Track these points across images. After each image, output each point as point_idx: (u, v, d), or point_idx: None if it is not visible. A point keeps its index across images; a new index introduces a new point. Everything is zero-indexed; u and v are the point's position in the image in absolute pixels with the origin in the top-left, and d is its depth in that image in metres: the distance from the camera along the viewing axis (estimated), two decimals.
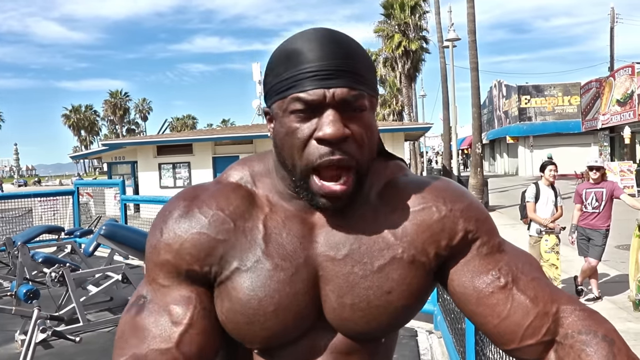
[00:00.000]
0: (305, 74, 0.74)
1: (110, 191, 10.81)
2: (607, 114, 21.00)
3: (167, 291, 0.81)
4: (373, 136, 0.80)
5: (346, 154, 0.75)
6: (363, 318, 0.81)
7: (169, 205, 0.85)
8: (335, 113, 0.74)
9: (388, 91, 45.66)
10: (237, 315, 0.80)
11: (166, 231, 0.82)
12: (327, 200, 0.77)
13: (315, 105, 0.75)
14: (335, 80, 0.74)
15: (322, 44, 0.75)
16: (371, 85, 0.79)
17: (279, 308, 0.79)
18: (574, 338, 0.75)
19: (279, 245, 0.81)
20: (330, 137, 0.73)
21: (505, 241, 0.88)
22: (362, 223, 0.83)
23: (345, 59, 0.76)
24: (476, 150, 16.10)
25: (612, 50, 28.27)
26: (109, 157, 19.78)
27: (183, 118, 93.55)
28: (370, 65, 0.80)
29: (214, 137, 18.34)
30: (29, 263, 4.98)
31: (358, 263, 0.81)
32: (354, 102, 0.76)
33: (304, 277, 0.81)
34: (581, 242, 5.79)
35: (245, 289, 0.79)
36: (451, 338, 3.83)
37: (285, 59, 0.77)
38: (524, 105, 29.91)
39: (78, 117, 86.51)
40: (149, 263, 0.84)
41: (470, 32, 15.84)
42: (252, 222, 0.83)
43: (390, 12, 28.53)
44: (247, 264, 0.80)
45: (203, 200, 0.83)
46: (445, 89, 23.31)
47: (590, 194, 5.73)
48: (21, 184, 53.01)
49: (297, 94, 0.75)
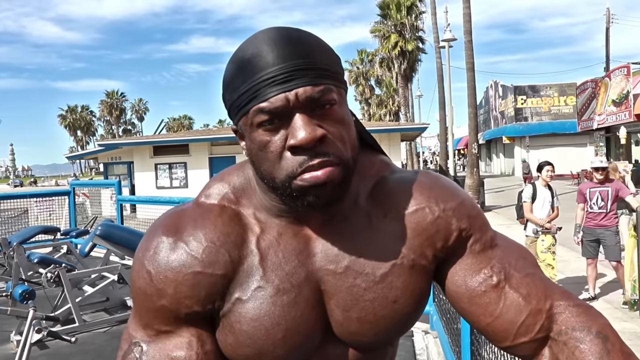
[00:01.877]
0: (263, 82, 0.69)
1: (106, 191, 10.78)
2: (603, 114, 21.08)
3: (166, 338, 0.76)
4: (350, 129, 0.75)
5: (326, 154, 0.70)
6: (371, 330, 0.80)
7: (150, 240, 0.78)
8: (303, 116, 0.69)
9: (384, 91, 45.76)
10: (245, 348, 0.76)
11: (155, 275, 0.75)
12: (314, 194, 0.71)
13: (280, 112, 0.69)
14: (295, 81, 0.69)
15: (275, 46, 0.70)
16: (337, 77, 0.74)
17: (287, 334, 0.76)
18: (567, 335, 0.75)
19: (277, 267, 0.78)
20: (303, 142, 0.68)
21: (499, 235, 0.87)
22: (357, 231, 0.81)
23: (303, 57, 0.70)
24: (472, 151, 16.13)
25: (608, 50, 28.41)
26: (105, 157, 19.73)
27: (179, 118, 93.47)
28: (332, 56, 0.75)
29: (210, 137, 18.32)
30: (25, 263, 4.96)
31: (360, 275, 0.79)
32: (321, 97, 0.70)
33: (307, 295, 0.78)
34: (588, 244, 5.67)
35: (250, 320, 0.76)
36: (447, 338, 3.84)
37: (239, 70, 0.71)
38: (520, 106, 30.00)
39: (74, 117, 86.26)
40: (139, 307, 0.77)
41: (466, 33, 15.89)
42: (246, 248, 0.78)
43: (387, 12, 28.59)
44: (248, 293, 0.76)
45: (189, 232, 0.77)
46: (441, 89, 23.36)
47: (595, 193, 5.63)
48: (17, 185, 52.84)
49: (259, 104, 0.69)
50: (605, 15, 28.74)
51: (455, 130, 28.21)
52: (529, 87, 30.30)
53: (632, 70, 19.15)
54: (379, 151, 0.92)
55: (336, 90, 0.73)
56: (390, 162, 0.90)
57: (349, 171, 0.74)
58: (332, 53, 0.76)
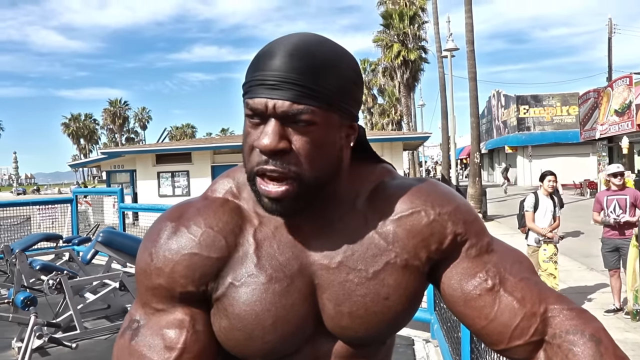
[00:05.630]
0: (256, 82, 0.75)
1: (108, 199, 10.81)
2: (605, 124, 21.07)
3: (161, 315, 0.80)
4: (325, 152, 0.77)
5: (282, 166, 0.74)
6: (362, 325, 0.81)
7: (155, 226, 0.84)
8: (275, 124, 0.74)
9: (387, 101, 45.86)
10: (236, 332, 0.79)
11: (155, 254, 0.80)
12: (270, 202, 0.77)
13: (259, 113, 0.75)
14: (280, 92, 0.73)
15: (282, 53, 0.74)
16: (330, 102, 0.76)
17: (277, 321, 0.79)
18: (561, 338, 0.76)
19: (271, 257, 0.81)
20: (263, 148, 0.73)
21: (496, 240, 0.88)
22: (353, 230, 0.83)
23: (300, 73, 0.73)
24: (474, 160, 16.13)
25: (610, 60, 28.44)
26: (108, 165, 19.78)
27: (182, 127, 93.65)
28: (340, 82, 0.77)
29: (212, 146, 18.37)
30: (27, 270, 4.97)
31: (353, 270, 0.81)
32: (297, 116, 0.73)
33: (299, 286, 0.81)
34: (608, 254, 5.56)
35: (242, 304, 0.79)
36: (447, 347, 3.82)
37: (253, 63, 0.78)
38: (522, 115, 30.03)
39: (77, 125, 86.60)
40: (140, 286, 0.83)
41: (469, 42, 15.95)
42: (242, 237, 0.82)
43: (389, 22, 28.72)
44: (241, 279, 0.80)
45: (190, 218, 0.82)
46: (443, 99, 23.42)
47: (612, 201, 5.50)
48: (20, 192, 52.94)
49: (247, 99, 0.76)
50: (608, 26, 28.81)
51: (458, 140, 28.21)
52: (532, 97, 30.34)
53: (634, 80, 19.15)
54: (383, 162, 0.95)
55: (322, 113, 0.75)
56: (393, 170, 0.93)
57: (305, 188, 0.77)
58: (343, 78, 0.77)
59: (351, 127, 0.82)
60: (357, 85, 0.80)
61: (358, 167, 0.88)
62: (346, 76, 0.78)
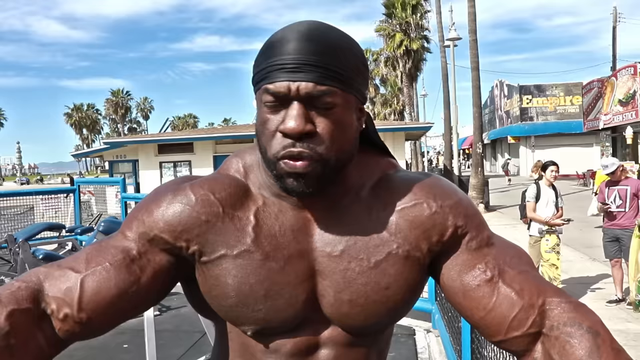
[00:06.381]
0: (275, 66, 0.75)
1: (111, 189, 10.82)
2: (609, 114, 20.98)
3: (122, 239, 0.82)
4: (345, 133, 0.79)
5: (308, 148, 0.75)
6: (361, 314, 0.83)
7: (169, 181, 0.89)
8: (300, 107, 0.75)
9: (389, 91, 45.69)
10: (229, 298, 0.81)
11: (154, 199, 0.84)
12: (294, 180, 0.77)
13: (281, 97, 0.75)
14: (302, 74, 0.74)
15: (299, 37, 0.75)
16: (349, 83, 0.78)
17: (269, 294, 0.81)
18: (559, 330, 0.76)
19: (270, 236, 0.83)
20: (290, 131, 0.74)
21: (495, 235, 0.89)
22: (357, 219, 0.85)
23: (318, 54, 0.75)
24: (477, 150, 16.10)
25: (615, 49, 28.23)
26: (111, 155, 19.82)
27: (184, 117, 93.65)
28: (354, 63, 0.79)
29: (215, 136, 18.38)
30: (30, 259, 5.00)
31: (354, 259, 0.82)
32: (321, 97, 0.75)
33: (296, 268, 0.82)
34: (608, 244, 5.59)
35: (235, 275, 0.81)
36: (449, 336, 3.84)
37: (265, 50, 0.78)
38: (525, 105, 29.90)
39: (80, 115, 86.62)
40: (129, 215, 0.86)
41: (471, 32, 15.84)
42: (243, 212, 0.84)
43: (392, 11, 28.50)
44: (235, 252, 0.81)
45: (198, 182, 0.86)
46: (446, 89, 23.31)
47: (613, 191, 5.50)
48: (23, 182, 53.13)
49: (267, 85, 0.76)
50: (612, 14, 28.58)
51: (460, 130, 28.15)
52: (535, 87, 30.18)
53: (638, 69, 19.04)
54: (389, 155, 0.97)
55: (342, 94, 0.77)
56: (397, 164, 0.95)
57: (329, 169, 0.78)
58: (356, 60, 0.79)
59: (361, 110, 0.84)
60: (366, 68, 0.83)
61: (365, 157, 0.90)
62: (358, 58, 0.80)
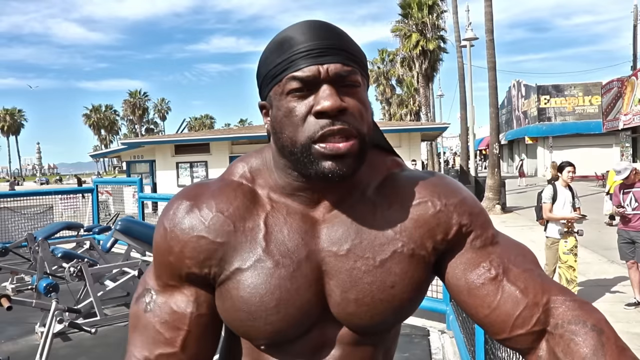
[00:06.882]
0: (299, 54, 0.78)
1: (128, 189, 10.96)
2: (629, 114, 20.60)
3: (171, 291, 0.86)
4: (368, 112, 0.83)
5: (346, 123, 0.77)
6: (367, 312, 0.83)
7: (173, 202, 0.88)
8: (330, 87, 0.77)
9: (405, 91, 45.46)
10: (240, 312, 0.82)
11: (169, 231, 0.84)
12: (333, 162, 0.77)
13: (310, 82, 0.77)
14: (328, 57, 0.78)
15: (313, 28, 0.79)
16: (362, 66, 0.83)
17: (280, 304, 0.81)
18: (563, 328, 0.76)
19: (280, 242, 0.83)
20: (329, 108, 0.76)
21: (500, 233, 0.89)
22: (362, 218, 0.85)
23: (336, 39, 0.79)
24: (494, 151, 15.94)
25: (635, 48, 27.71)
26: (128, 155, 20.04)
27: (201, 118, 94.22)
28: (360, 50, 0.84)
29: (231, 136, 18.48)
30: (49, 258, 5.09)
31: (360, 258, 0.83)
32: (348, 77, 0.79)
33: (305, 272, 0.83)
34: (624, 246, 5.54)
35: (247, 287, 0.81)
36: (463, 338, 3.82)
37: (277, 46, 0.80)
38: (543, 106, 29.51)
39: (98, 116, 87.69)
40: (155, 258, 0.88)
41: (488, 31, 15.70)
42: (252, 222, 0.85)
43: (408, 11, 28.37)
44: (248, 263, 0.82)
45: (204, 200, 0.85)
46: (462, 89, 23.12)
47: (629, 194, 5.45)
48: (43, 182, 54.04)
49: (293, 73, 0.78)
50: (633, 13, 28.06)
51: (477, 131, 27.92)
52: (553, 87, 29.77)
53: None
54: (394, 154, 0.98)
55: (361, 77, 0.81)
56: (403, 162, 0.96)
57: (365, 145, 0.81)
58: (360, 48, 0.85)
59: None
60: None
61: (370, 156, 0.89)
62: (360, 47, 0.85)
